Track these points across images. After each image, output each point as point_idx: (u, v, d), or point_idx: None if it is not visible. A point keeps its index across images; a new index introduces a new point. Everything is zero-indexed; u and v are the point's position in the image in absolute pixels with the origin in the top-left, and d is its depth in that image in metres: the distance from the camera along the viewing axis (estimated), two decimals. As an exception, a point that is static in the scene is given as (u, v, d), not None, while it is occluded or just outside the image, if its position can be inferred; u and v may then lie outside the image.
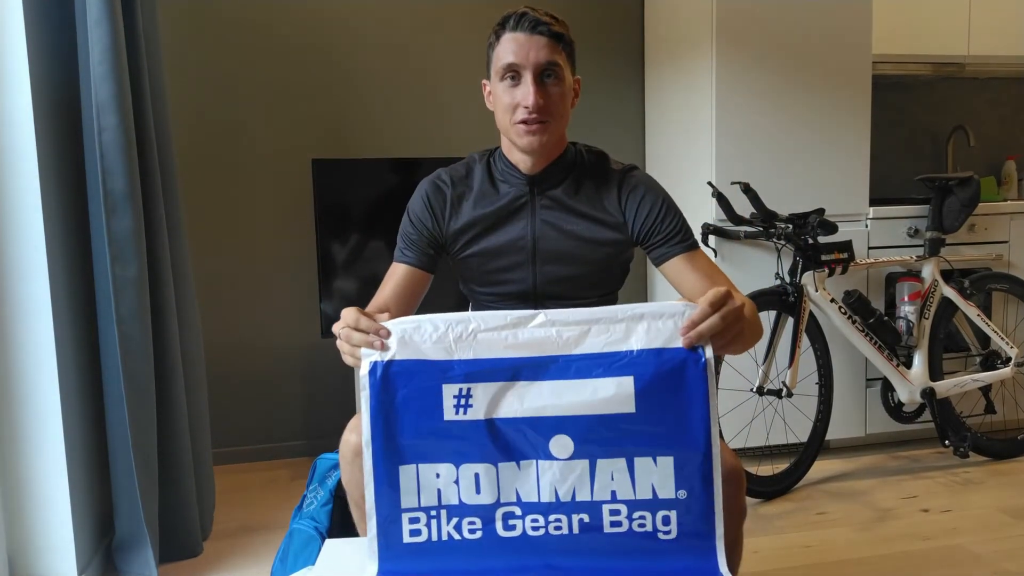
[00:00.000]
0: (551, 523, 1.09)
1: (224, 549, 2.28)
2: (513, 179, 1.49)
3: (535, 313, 1.13)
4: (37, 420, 1.91)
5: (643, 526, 1.09)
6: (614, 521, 1.09)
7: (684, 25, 2.93)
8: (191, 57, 2.86)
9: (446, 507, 1.10)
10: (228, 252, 2.96)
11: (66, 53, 2.04)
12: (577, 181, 1.49)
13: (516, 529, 1.09)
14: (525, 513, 1.09)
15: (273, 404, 3.05)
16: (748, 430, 2.75)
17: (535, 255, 1.49)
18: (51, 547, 1.95)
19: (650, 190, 1.49)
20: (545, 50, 1.38)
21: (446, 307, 1.48)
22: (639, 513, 1.09)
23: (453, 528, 1.09)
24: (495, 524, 1.09)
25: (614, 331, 1.10)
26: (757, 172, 2.76)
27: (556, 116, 1.41)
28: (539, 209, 1.48)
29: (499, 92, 1.43)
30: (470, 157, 1.56)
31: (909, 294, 2.78)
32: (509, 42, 1.40)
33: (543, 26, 1.38)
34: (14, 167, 1.85)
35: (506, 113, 1.42)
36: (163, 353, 2.13)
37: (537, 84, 1.38)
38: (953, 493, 2.60)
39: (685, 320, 1.10)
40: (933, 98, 3.64)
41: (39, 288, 1.88)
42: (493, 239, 1.49)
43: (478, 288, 1.55)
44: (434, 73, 3.07)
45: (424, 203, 1.51)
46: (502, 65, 1.40)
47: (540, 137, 1.40)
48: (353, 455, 1.31)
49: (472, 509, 1.10)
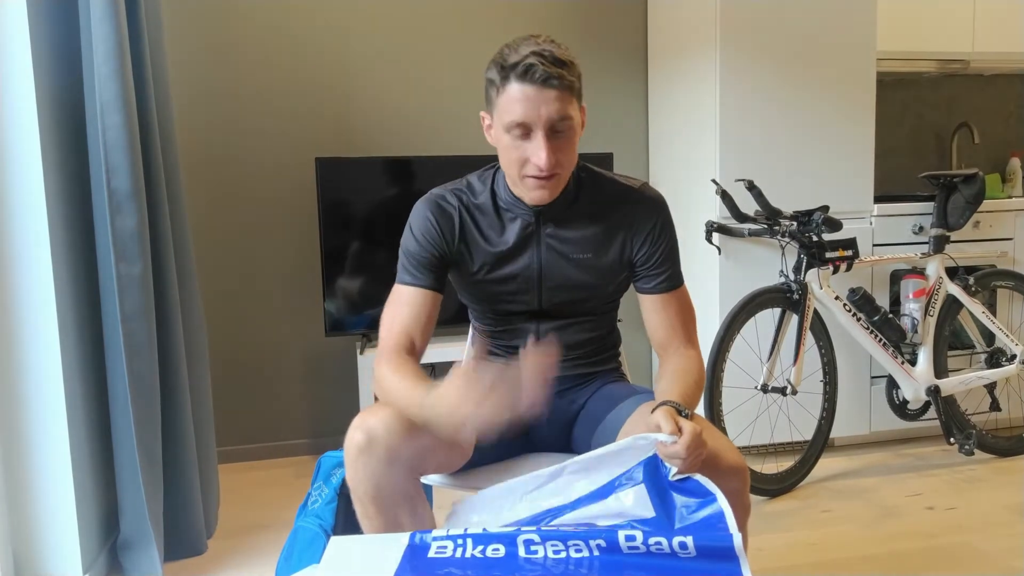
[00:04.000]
0: (571, 547, 1.12)
1: (228, 547, 2.29)
2: (518, 210, 1.47)
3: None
4: (42, 419, 1.92)
5: (660, 548, 1.12)
6: (632, 547, 1.12)
7: (688, 22, 2.92)
8: (194, 56, 2.87)
9: (471, 536, 1.15)
10: (232, 250, 2.97)
11: (70, 52, 2.04)
12: (584, 207, 1.48)
13: (538, 553, 1.12)
14: (544, 539, 1.14)
15: (277, 402, 3.05)
16: (752, 428, 2.74)
17: (541, 283, 1.49)
18: (56, 546, 1.95)
19: (658, 225, 1.48)
20: (556, 104, 1.30)
21: (444, 315, 1.50)
22: (655, 539, 1.12)
23: (478, 552, 1.13)
24: (517, 549, 1.13)
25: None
26: (761, 169, 2.76)
27: (567, 165, 1.38)
28: (544, 237, 1.47)
29: (505, 142, 1.36)
30: (467, 179, 1.51)
31: (914, 291, 2.77)
32: (517, 94, 1.30)
33: (554, 80, 1.29)
34: (19, 166, 1.85)
35: (514, 165, 1.37)
36: (168, 351, 2.14)
37: (548, 140, 1.32)
38: (958, 491, 2.59)
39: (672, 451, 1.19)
40: (937, 95, 3.63)
41: (44, 286, 1.88)
42: (497, 263, 1.48)
43: (481, 303, 1.55)
44: (438, 72, 3.07)
45: (432, 224, 1.45)
46: (510, 121, 1.32)
47: (551, 191, 1.38)
48: (358, 452, 1.31)
49: (495, 537, 1.15)
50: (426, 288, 1.44)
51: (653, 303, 1.50)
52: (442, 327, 1.50)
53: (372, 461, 1.30)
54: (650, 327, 1.52)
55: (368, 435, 1.30)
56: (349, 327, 2.86)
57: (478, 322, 1.61)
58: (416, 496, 1.36)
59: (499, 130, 1.37)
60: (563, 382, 1.55)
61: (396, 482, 1.31)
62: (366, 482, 1.32)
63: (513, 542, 1.14)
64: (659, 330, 1.50)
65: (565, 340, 1.54)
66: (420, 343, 1.44)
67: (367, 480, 1.32)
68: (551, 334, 1.54)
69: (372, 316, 2.84)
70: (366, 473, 1.31)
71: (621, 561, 1.10)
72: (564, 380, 1.55)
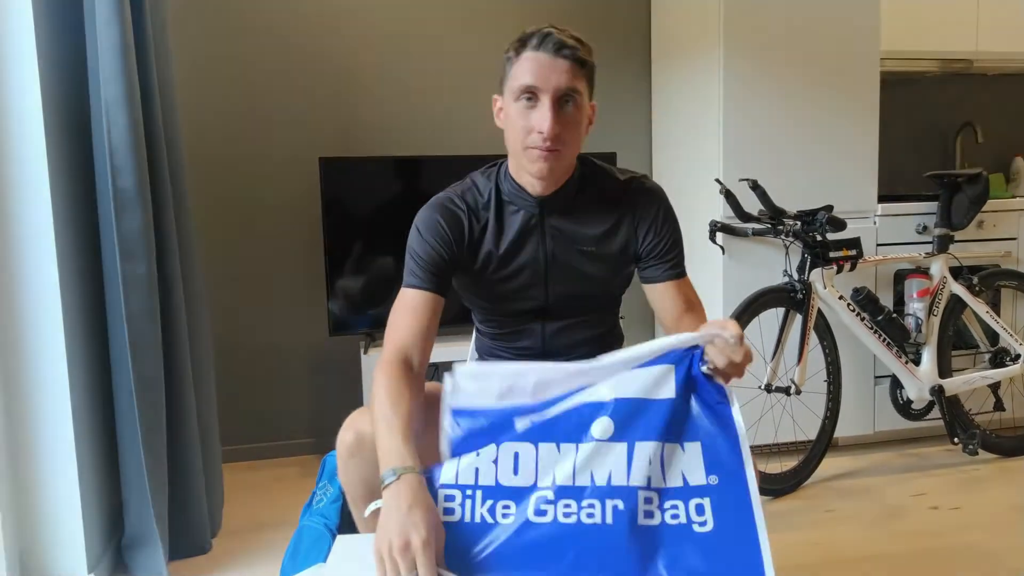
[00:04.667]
0: (583, 509, 1.07)
1: (233, 546, 2.29)
2: (522, 201, 1.46)
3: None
4: (47, 418, 1.92)
5: (676, 517, 1.08)
6: (647, 511, 1.08)
7: (691, 22, 2.92)
8: (199, 57, 2.87)
9: (482, 488, 1.10)
10: (236, 250, 2.97)
11: (75, 52, 2.05)
12: (586, 200, 1.48)
13: (547, 515, 1.07)
14: (558, 498, 1.08)
15: (280, 402, 3.05)
16: (756, 428, 2.74)
17: (547, 277, 1.49)
18: (61, 545, 1.95)
19: (660, 213, 1.48)
20: (567, 75, 1.32)
21: (446, 315, 1.49)
22: (671, 503, 1.08)
23: (487, 511, 1.08)
24: (527, 509, 1.08)
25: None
26: (765, 169, 2.75)
27: (570, 144, 1.37)
28: (548, 230, 1.47)
29: (513, 113, 1.37)
30: (471, 179, 1.51)
31: (918, 291, 2.77)
32: (529, 62, 1.33)
33: (567, 49, 1.32)
34: (24, 165, 1.85)
35: (518, 135, 1.36)
36: (172, 351, 2.14)
37: (555, 110, 1.32)
38: (963, 490, 2.59)
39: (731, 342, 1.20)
40: (941, 95, 3.62)
41: (49, 286, 1.89)
42: (503, 258, 1.47)
43: (486, 304, 1.54)
44: (442, 72, 3.07)
45: (440, 228, 1.44)
46: (519, 85, 1.34)
47: (552, 164, 1.36)
48: (349, 454, 1.31)
49: (508, 492, 1.09)
50: (431, 291, 1.42)
51: (664, 290, 1.49)
52: (444, 327, 1.49)
53: (363, 462, 1.30)
54: (662, 311, 1.51)
55: (358, 436, 1.30)
56: (352, 327, 2.86)
57: (483, 325, 1.61)
58: None
59: (508, 102, 1.38)
60: None
61: None
62: (358, 483, 1.32)
63: (524, 499, 1.08)
64: (671, 311, 1.49)
65: (570, 339, 1.54)
66: (422, 353, 1.39)
67: (359, 482, 1.32)
68: (556, 333, 1.53)
69: (375, 316, 2.84)
70: (358, 474, 1.31)
71: (629, 538, 1.05)
72: None
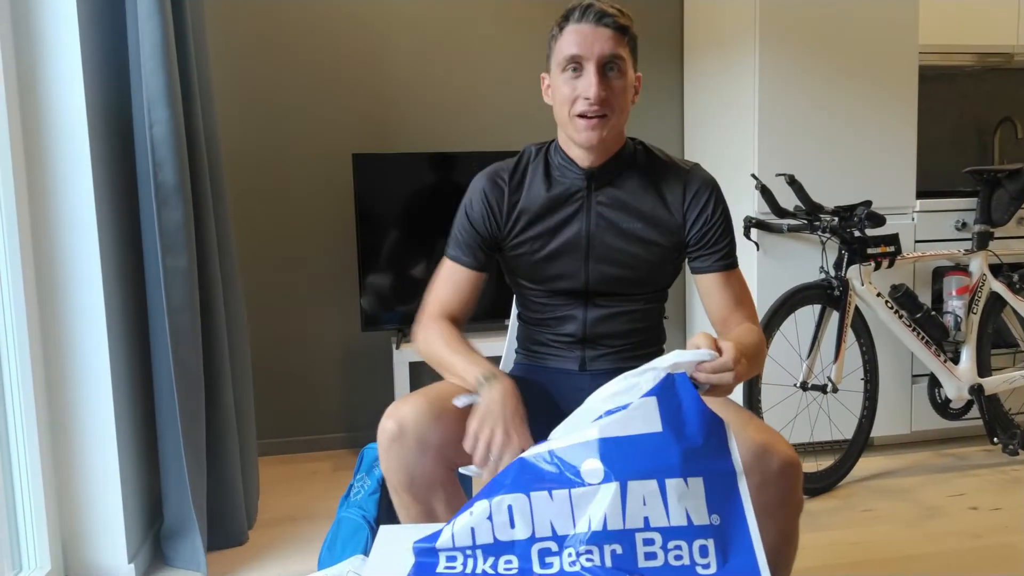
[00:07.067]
0: (583, 555, 1.04)
1: (269, 538, 2.31)
2: (570, 173, 1.47)
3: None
4: (89, 409, 1.95)
5: (680, 558, 1.04)
6: (648, 553, 1.04)
7: (726, 16, 2.89)
8: (235, 54, 2.90)
9: (481, 547, 1.07)
10: (270, 247, 2.99)
11: (117, 49, 2.08)
12: (636, 178, 1.48)
13: (553, 567, 1.05)
14: (561, 548, 1.05)
15: (313, 397, 3.08)
16: (792, 426, 2.71)
17: (588, 253, 1.48)
18: (102, 535, 1.99)
19: (712, 200, 1.49)
20: (610, 42, 1.36)
21: (478, 311, 1.50)
22: (674, 543, 1.04)
23: (490, 567, 1.06)
24: (532, 562, 1.06)
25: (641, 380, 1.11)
26: (801, 164, 2.73)
27: (616, 110, 1.40)
28: (595, 205, 1.47)
29: (559, 83, 1.40)
30: (526, 149, 1.55)
31: (957, 288, 2.73)
32: (573, 33, 1.37)
33: (608, 18, 1.36)
34: (67, 161, 1.89)
35: (565, 105, 1.40)
36: (211, 345, 2.16)
37: (600, 76, 1.36)
38: (1003, 491, 2.55)
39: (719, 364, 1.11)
40: (980, 89, 3.56)
41: (91, 280, 1.92)
42: (546, 229, 1.47)
43: (527, 283, 1.54)
44: (473, 67, 3.08)
45: (483, 200, 1.49)
46: (564, 56, 1.38)
47: (600, 132, 1.39)
48: (390, 442, 1.32)
49: (507, 547, 1.07)
50: (471, 268, 1.50)
51: (713, 282, 1.48)
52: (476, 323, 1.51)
53: (403, 450, 1.31)
54: (710, 306, 1.50)
55: (399, 424, 1.31)
56: (384, 322, 2.88)
57: (524, 309, 1.60)
58: (449, 484, 1.37)
59: (555, 75, 1.41)
60: (605, 373, 1.55)
61: (428, 470, 1.32)
62: (399, 471, 1.33)
63: (527, 553, 1.06)
64: (720, 308, 1.48)
65: (611, 329, 1.53)
66: (461, 316, 1.50)
67: (400, 469, 1.33)
68: (597, 321, 1.53)
69: (407, 312, 2.85)
70: (399, 462, 1.33)
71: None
72: (606, 372, 1.55)
